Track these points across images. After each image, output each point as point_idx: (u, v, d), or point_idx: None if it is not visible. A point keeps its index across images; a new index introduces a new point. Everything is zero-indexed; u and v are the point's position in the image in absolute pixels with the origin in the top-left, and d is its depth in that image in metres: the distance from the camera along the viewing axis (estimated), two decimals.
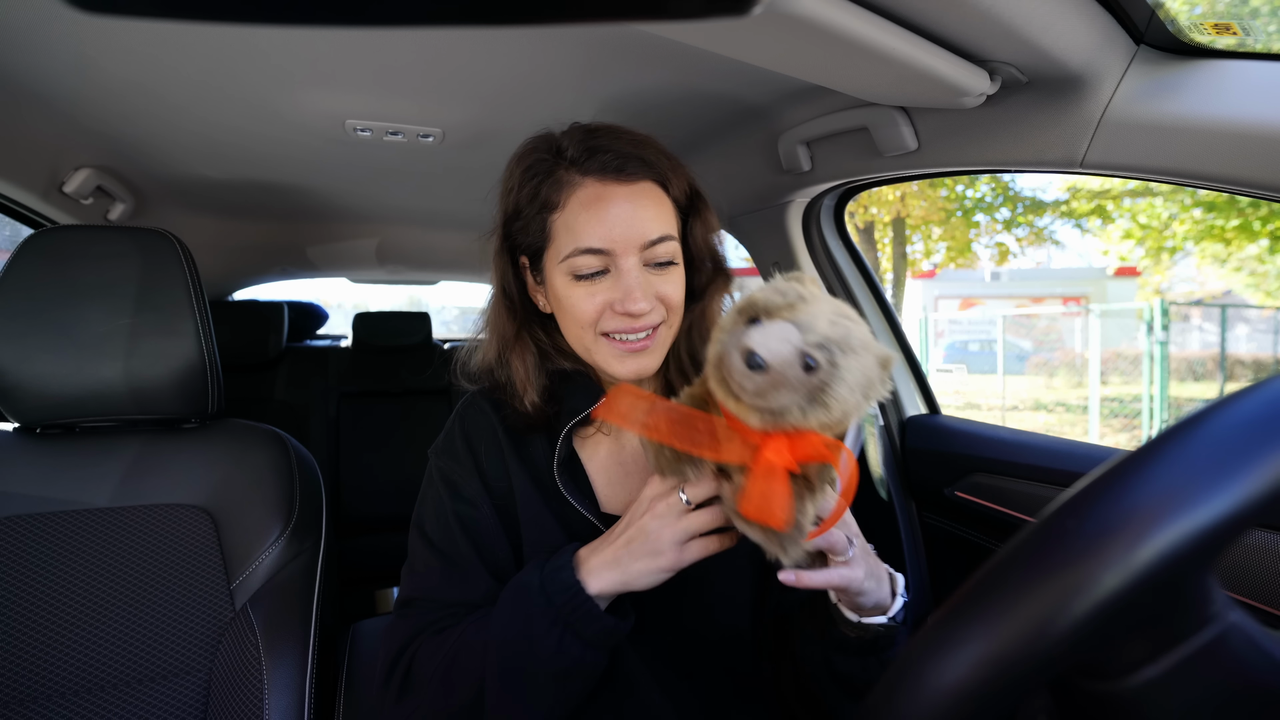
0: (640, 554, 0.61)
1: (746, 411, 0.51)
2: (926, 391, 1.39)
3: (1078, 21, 0.67)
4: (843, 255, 1.37)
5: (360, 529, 2.28)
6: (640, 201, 0.71)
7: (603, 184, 0.70)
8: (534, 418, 0.77)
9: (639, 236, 0.70)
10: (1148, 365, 7.13)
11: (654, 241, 0.70)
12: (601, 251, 0.69)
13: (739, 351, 0.49)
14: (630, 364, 0.73)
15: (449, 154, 1.36)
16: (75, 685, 0.83)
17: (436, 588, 0.74)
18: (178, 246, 0.98)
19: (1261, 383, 0.31)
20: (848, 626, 0.65)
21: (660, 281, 0.72)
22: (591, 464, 0.79)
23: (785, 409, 0.49)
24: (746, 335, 0.49)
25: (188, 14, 0.19)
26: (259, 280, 2.54)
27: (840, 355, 0.49)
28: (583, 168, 0.71)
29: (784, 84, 1.03)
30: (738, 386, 0.50)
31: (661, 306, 0.73)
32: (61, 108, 1.12)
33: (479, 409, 0.81)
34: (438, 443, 0.82)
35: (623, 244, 0.69)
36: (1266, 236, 7.59)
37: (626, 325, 0.71)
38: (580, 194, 0.71)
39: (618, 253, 0.70)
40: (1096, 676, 0.32)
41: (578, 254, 0.70)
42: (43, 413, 0.92)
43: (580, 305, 0.71)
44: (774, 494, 0.50)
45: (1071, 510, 0.30)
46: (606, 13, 0.20)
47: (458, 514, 0.75)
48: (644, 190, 0.71)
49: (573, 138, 0.74)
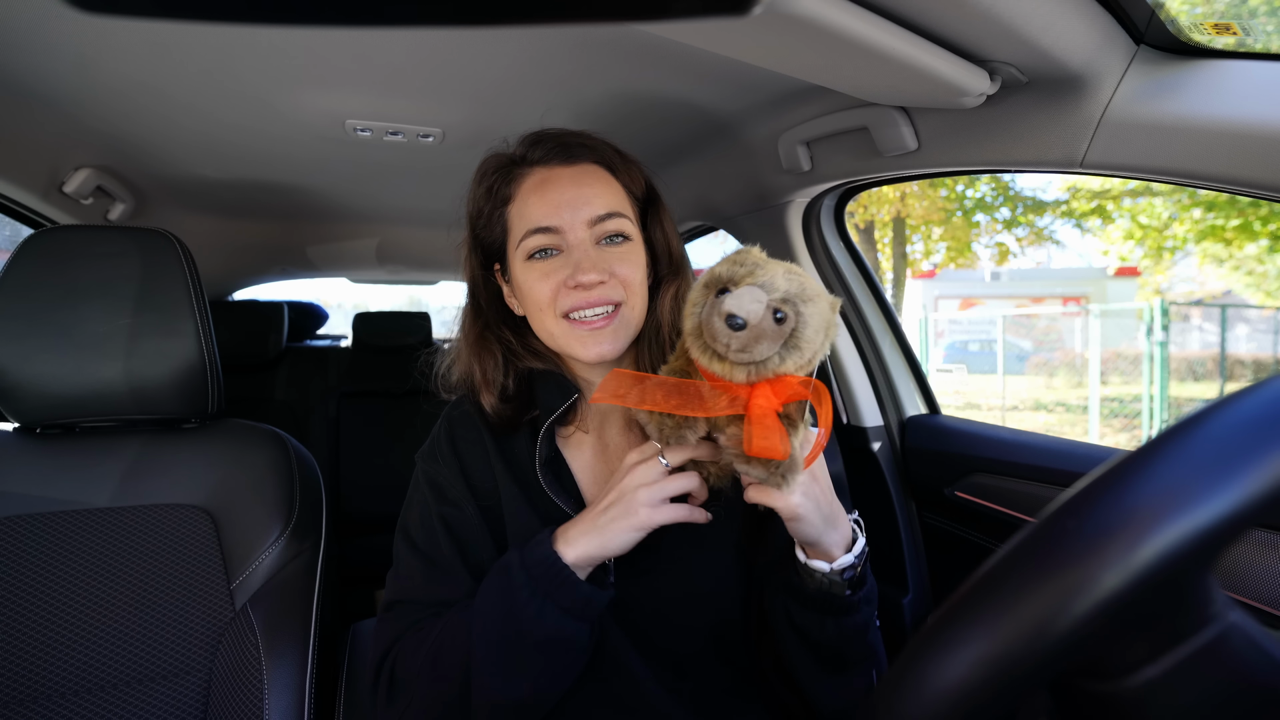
0: (616, 515, 0.64)
1: (731, 369, 0.58)
2: (926, 391, 1.39)
3: (1078, 21, 0.67)
4: (843, 255, 1.37)
5: (360, 529, 2.28)
6: (584, 180, 0.75)
7: (547, 168, 0.76)
8: (501, 419, 0.78)
9: (586, 211, 0.73)
10: (1148, 365, 7.13)
11: (602, 217, 0.74)
12: (550, 229, 0.73)
13: (719, 316, 0.56)
14: (593, 346, 0.74)
15: (449, 154, 1.36)
16: (75, 685, 0.83)
17: (420, 589, 0.75)
18: (178, 246, 0.98)
19: (1261, 383, 0.31)
20: (800, 570, 0.68)
21: (614, 258, 0.74)
22: (575, 462, 0.79)
23: (766, 358, 0.57)
24: (722, 302, 0.56)
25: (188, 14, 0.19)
26: (259, 280, 2.54)
27: (801, 305, 0.58)
28: (529, 159, 0.77)
29: (784, 84, 1.03)
30: (723, 347, 0.57)
31: (617, 283, 0.74)
32: (61, 108, 1.12)
33: (464, 412, 0.82)
34: (424, 448, 0.83)
35: (569, 219, 0.73)
36: (1266, 236, 7.58)
37: (581, 300, 0.73)
38: (528, 181, 0.76)
39: (565, 228, 0.73)
40: (1097, 676, 0.32)
41: (529, 234, 0.73)
42: (43, 413, 0.92)
43: (536, 287, 0.74)
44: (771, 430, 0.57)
45: (1071, 510, 0.30)
46: (607, 13, 0.20)
47: (442, 516, 0.76)
48: (588, 170, 0.76)
49: (521, 140, 0.79)
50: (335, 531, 2.23)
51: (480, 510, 0.76)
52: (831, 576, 0.67)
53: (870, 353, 1.37)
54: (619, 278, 0.74)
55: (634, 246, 0.77)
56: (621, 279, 0.74)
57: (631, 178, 0.79)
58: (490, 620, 0.65)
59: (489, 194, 0.79)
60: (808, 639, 0.69)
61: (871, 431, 1.36)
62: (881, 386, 1.38)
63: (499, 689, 0.64)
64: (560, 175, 0.75)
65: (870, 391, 1.38)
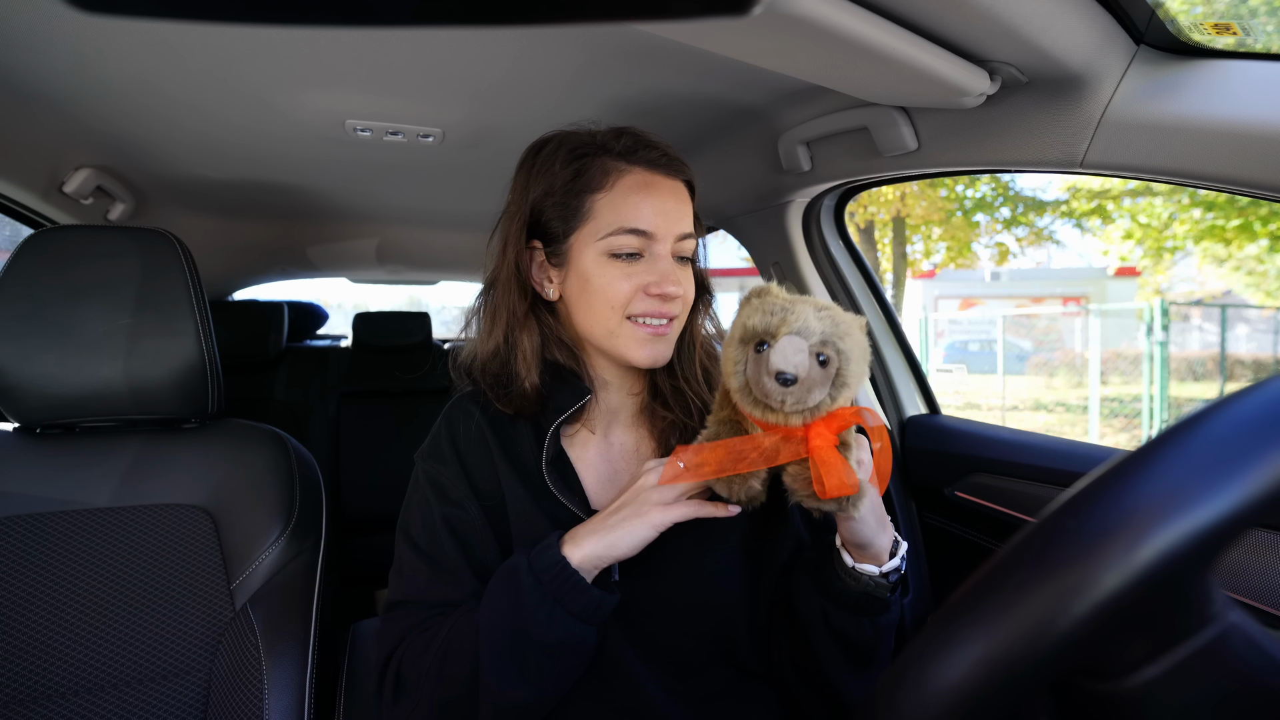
0: (628, 515, 0.65)
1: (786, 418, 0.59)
2: (926, 391, 1.39)
3: (1078, 21, 0.67)
4: (843, 255, 1.37)
5: (360, 529, 2.28)
6: (679, 196, 0.78)
7: (650, 173, 0.76)
8: (528, 403, 0.77)
9: (677, 226, 0.76)
10: (1148, 365, 7.13)
11: (686, 235, 0.77)
12: (644, 234, 0.74)
13: (768, 375, 0.57)
14: (649, 349, 0.76)
15: (449, 154, 1.36)
16: (75, 685, 0.83)
17: (423, 589, 0.74)
18: (178, 246, 0.97)
19: (1261, 383, 0.31)
20: (845, 573, 0.68)
21: (684, 275, 0.78)
22: (580, 462, 0.79)
23: (819, 402, 0.58)
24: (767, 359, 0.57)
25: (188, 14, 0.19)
26: (259, 280, 2.54)
27: (840, 342, 0.58)
28: (630, 158, 0.77)
29: (784, 84, 1.03)
30: (778, 403, 0.58)
31: (681, 300, 0.77)
32: (61, 108, 1.12)
33: (465, 411, 0.81)
34: (424, 447, 0.82)
35: (664, 230, 0.75)
36: (1266, 236, 7.58)
37: (656, 309, 0.75)
38: (629, 179, 0.76)
39: (658, 237, 0.75)
40: (1096, 676, 0.32)
41: (621, 233, 0.74)
42: (43, 413, 0.92)
43: (614, 285, 0.75)
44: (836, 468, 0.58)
45: (1071, 510, 0.30)
46: (607, 13, 0.20)
47: (444, 516, 0.75)
48: (680, 188, 0.79)
49: (612, 134, 0.79)
50: (335, 531, 2.23)
51: (483, 509, 0.76)
52: (879, 579, 0.67)
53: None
54: (683, 294, 0.77)
55: (690, 266, 0.80)
56: (684, 296, 0.78)
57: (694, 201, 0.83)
58: (499, 624, 0.65)
59: (575, 175, 0.76)
60: (845, 639, 0.70)
61: None
62: (881, 386, 1.38)
63: (507, 691, 0.64)
64: (662, 185, 0.77)
65: (870, 391, 1.38)
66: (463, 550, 0.74)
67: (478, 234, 0.86)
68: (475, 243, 2.33)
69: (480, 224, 0.86)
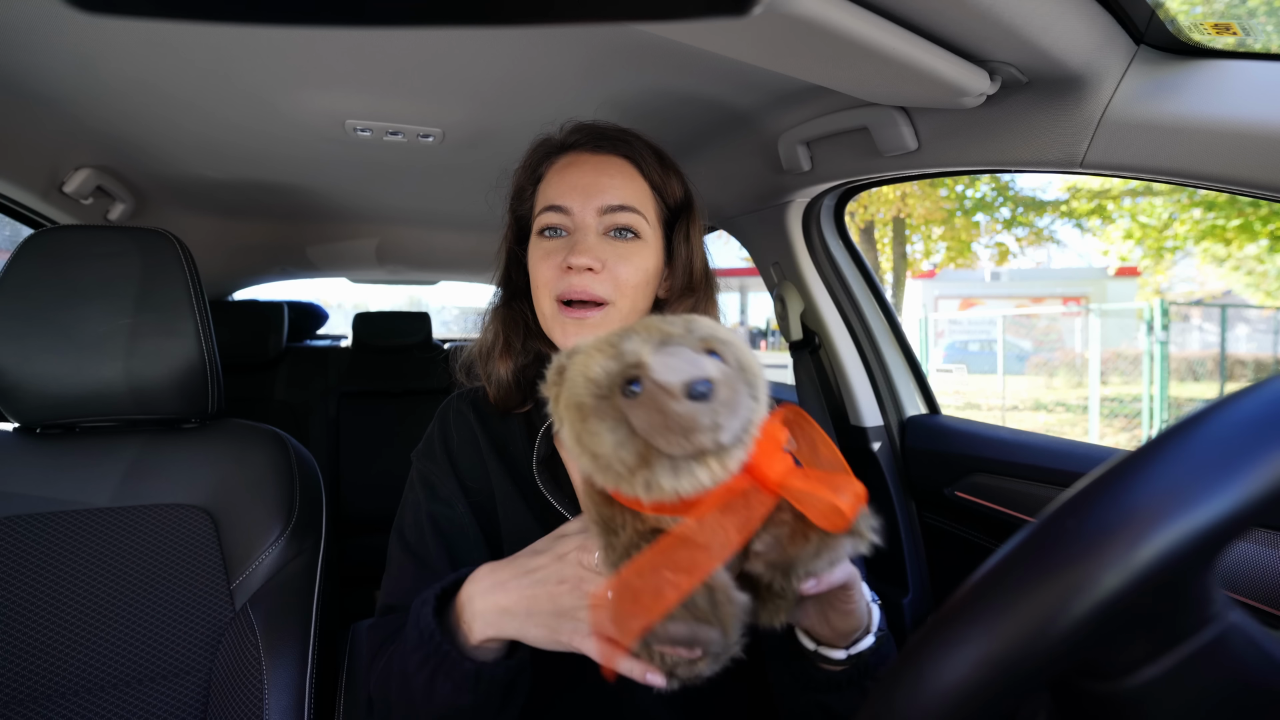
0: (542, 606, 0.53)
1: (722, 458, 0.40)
2: (926, 391, 1.39)
3: (1078, 21, 0.67)
4: (843, 255, 1.37)
5: (360, 529, 2.28)
6: (606, 170, 0.75)
7: (577, 153, 0.77)
8: (507, 393, 0.78)
9: (599, 199, 0.73)
10: (1148, 365, 7.13)
11: (613, 207, 0.73)
12: (561, 209, 0.74)
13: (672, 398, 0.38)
14: (573, 337, 0.71)
15: (449, 154, 1.36)
16: (75, 685, 0.83)
17: (410, 591, 0.72)
18: (178, 246, 0.97)
19: (1261, 383, 0.31)
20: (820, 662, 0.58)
21: (615, 252, 0.73)
22: (573, 463, 0.78)
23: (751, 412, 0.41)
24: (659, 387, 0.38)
25: (188, 14, 0.19)
26: (259, 280, 2.54)
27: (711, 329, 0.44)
28: (565, 144, 0.79)
29: (784, 84, 1.03)
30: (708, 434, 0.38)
31: (609, 279, 0.72)
32: (61, 108, 1.12)
33: (458, 410, 0.82)
34: (419, 446, 0.82)
35: (580, 201, 0.73)
36: (1266, 236, 7.58)
37: (576, 286, 0.71)
38: (558, 163, 0.78)
39: (575, 210, 0.73)
40: (1096, 676, 0.32)
41: (543, 210, 0.75)
42: (43, 413, 0.92)
43: (539, 265, 0.75)
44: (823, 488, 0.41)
45: (1071, 510, 0.30)
46: (606, 13, 0.20)
47: (432, 514, 0.76)
48: (613, 162, 0.76)
49: (568, 129, 0.81)
50: (335, 531, 2.23)
51: (472, 508, 0.76)
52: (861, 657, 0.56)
53: (870, 353, 1.37)
54: (613, 273, 0.72)
55: (642, 246, 0.75)
56: (615, 275, 0.72)
57: (664, 180, 0.79)
58: (398, 683, 0.60)
59: (529, 171, 0.81)
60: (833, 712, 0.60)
61: (871, 431, 1.36)
62: (881, 386, 1.38)
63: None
64: (585, 161, 0.76)
65: (870, 391, 1.38)
66: (449, 549, 0.74)
67: (478, 234, 0.87)
68: (475, 243, 2.33)
69: (480, 224, 0.87)
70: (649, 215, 0.76)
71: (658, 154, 0.80)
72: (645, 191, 0.77)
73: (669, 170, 0.80)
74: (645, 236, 0.75)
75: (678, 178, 0.81)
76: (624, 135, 0.79)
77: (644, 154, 0.78)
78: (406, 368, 2.53)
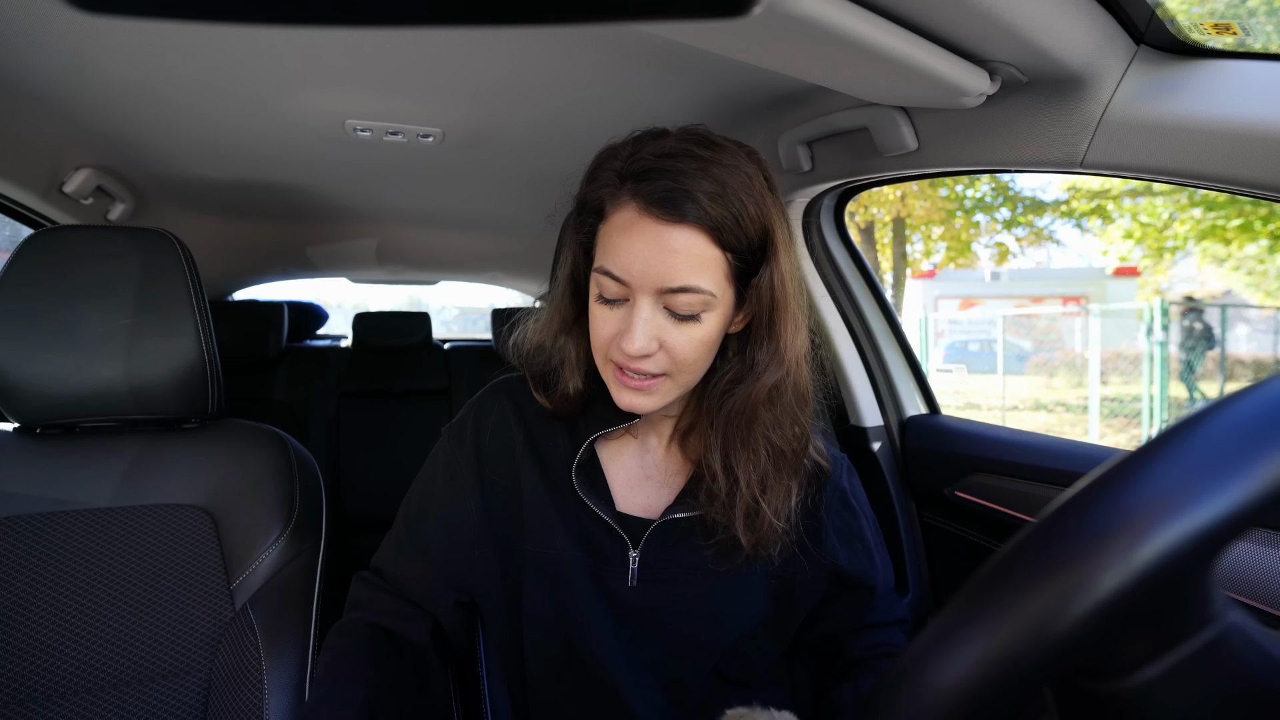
0: None
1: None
2: (926, 391, 1.39)
3: (1078, 21, 0.67)
4: (843, 255, 1.37)
5: (360, 529, 2.28)
6: (672, 245, 0.62)
7: (639, 213, 0.63)
8: (568, 405, 0.75)
9: (657, 280, 0.62)
10: (1148, 365, 7.13)
11: (674, 290, 0.62)
12: (620, 281, 0.64)
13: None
14: (625, 397, 0.68)
15: (449, 154, 1.36)
16: (75, 685, 0.83)
17: (393, 562, 0.79)
18: (178, 246, 0.97)
19: (1261, 383, 0.31)
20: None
21: (672, 330, 0.65)
22: (612, 464, 0.78)
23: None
24: None
25: (188, 14, 0.19)
26: (259, 280, 2.54)
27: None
28: (632, 187, 0.63)
29: (784, 84, 1.03)
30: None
31: (665, 357, 0.66)
32: (61, 108, 1.12)
33: (498, 401, 0.80)
34: (452, 423, 0.82)
35: (639, 281, 0.63)
36: (1266, 236, 7.58)
37: (623, 360, 0.66)
38: (621, 214, 0.64)
39: (634, 287, 0.64)
40: (1097, 676, 0.32)
41: (602, 273, 0.65)
42: (43, 413, 0.92)
43: (598, 327, 0.68)
44: None
45: (1072, 510, 0.30)
46: (606, 13, 0.20)
47: (440, 503, 0.77)
48: (681, 234, 0.62)
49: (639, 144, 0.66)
50: (335, 531, 2.23)
51: (486, 502, 0.76)
52: None
53: (870, 353, 1.37)
54: (670, 352, 0.65)
55: (705, 322, 0.65)
56: (673, 353, 0.65)
57: (739, 232, 0.64)
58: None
59: (593, 195, 0.68)
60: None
61: (871, 431, 1.36)
62: (881, 386, 1.38)
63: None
64: (648, 229, 0.62)
65: (870, 391, 1.38)
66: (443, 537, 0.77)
67: (478, 234, 0.86)
68: (475, 243, 2.33)
69: (480, 224, 0.86)
70: (717, 281, 0.64)
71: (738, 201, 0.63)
72: (714, 258, 0.63)
73: (745, 213, 0.64)
74: (710, 308, 0.65)
75: (760, 210, 0.65)
76: (702, 187, 0.62)
77: (721, 214, 0.62)
78: (406, 368, 2.53)
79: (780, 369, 0.68)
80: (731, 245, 0.64)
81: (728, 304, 0.67)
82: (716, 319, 0.66)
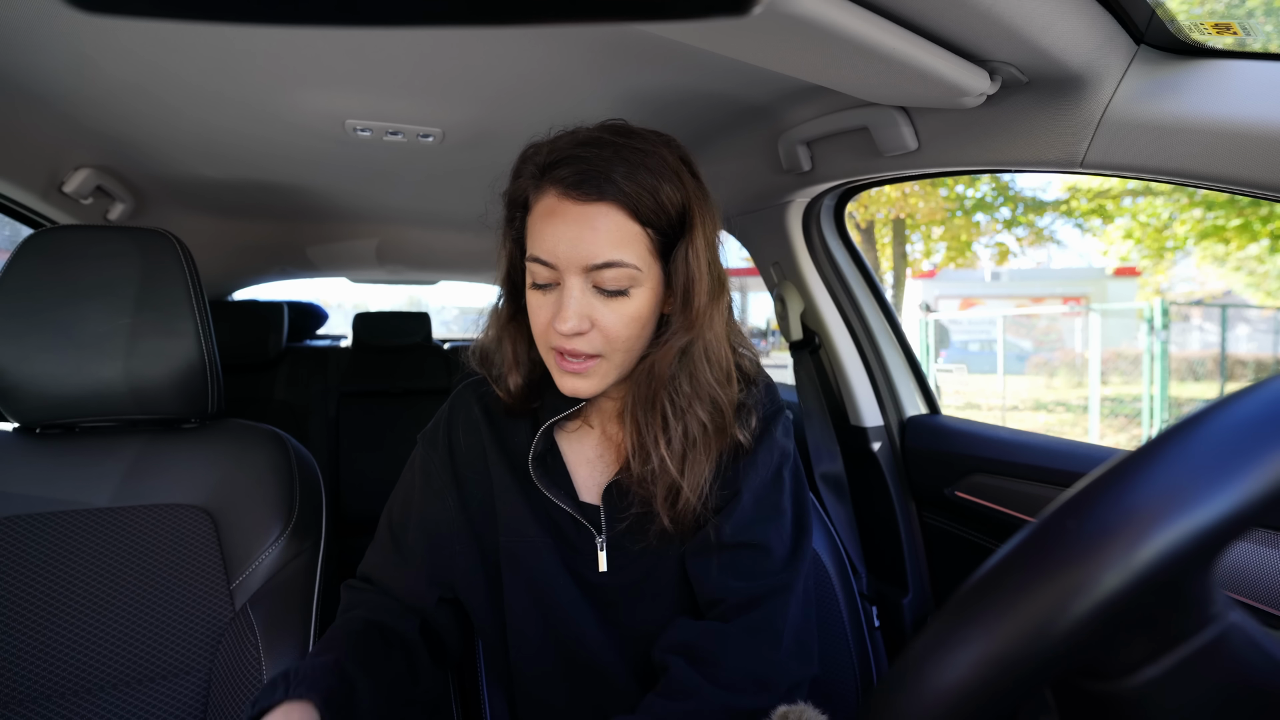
0: None
1: None
2: (926, 391, 1.39)
3: (1078, 21, 0.67)
4: (843, 255, 1.37)
5: (360, 529, 2.28)
6: (592, 223, 0.65)
7: (558, 198, 0.66)
8: (517, 400, 0.78)
9: (581, 258, 0.65)
10: (1148, 365, 7.13)
11: (599, 265, 0.65)
12: (547, 264, 0.67)
13: None
14: (566, 382, 0.71)
15: (449, 154, 1.36)
16: (75, 685, 0.83)
17: (380, 569, 0.80)
18: (178, 246, 0.97)
19: (1261, 383, 0.31)
20: None
21: (603, 309, 0.67)
22: (573, 455, 0.80)
23: None
24: None
25: (188, 14, 0.19)
26: (259, 280, 2.54)
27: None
28: (549, 175, 0.67)
29: (784, 84, 1.03)
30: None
31: (598, 336, 0.68)
32: (61, 108, 1.12)
33: (465, 400, 0.83)
34: (426, 428, 0.85)
35: (565, 261, 0.66)
36: (1267, 236, 7.58)
37: (566, 345, 0.68)
38: (541, 203, 0.68)
39: (561, 268, 0.66)
40: (1097, 676, 0.32)
41: (533, 260, 0.68)
42: (43, 413, 0.92)
43: (535, 314, 0.71)
44: None
45: (1072, 510, 0.30)
46: (607, 13, 0.20)
47: (419, 505, 0.79)
48: (600, 212, 0.65)
49: (557, 139, 0.70)
50: (335, 531, 2.23)
51: (463, 498, 0.78)
52: None
53: (870, 353, 1.37)
54: (602, 330, 0.67)
55: (633, 296, 0.68)
56: (605, 332, 0.67)
57: (657, 208, 0.67)
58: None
59: (519, 191, 0.72)
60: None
61: (871, 431, 1.36)
62: (881, 386, 1.38)
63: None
64: (567, 212, 0.66)
65: (870, 391, 1.38)
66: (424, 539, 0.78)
67: (478, 234, 0.86)
68: (475, 243, 2.33)
69: (480, 224, 0.86)
70: (641, 256, 0.67)
71: (653, 178, 0.66)
72: (635, 233, 0.66)
73: (661, 191, 0.67)
74: (637, 282, 0.68)
75: (677, 190, 0.68)
76: (615, 169, 0.65)
77: (635, 190, 0.65)
78: (406, 368, 2.53)
79: (689, 333, 0.70)
80: (651, 221, 0.67)
81: (655, 279, 0.69)
82: (645, 294, 0.69)
